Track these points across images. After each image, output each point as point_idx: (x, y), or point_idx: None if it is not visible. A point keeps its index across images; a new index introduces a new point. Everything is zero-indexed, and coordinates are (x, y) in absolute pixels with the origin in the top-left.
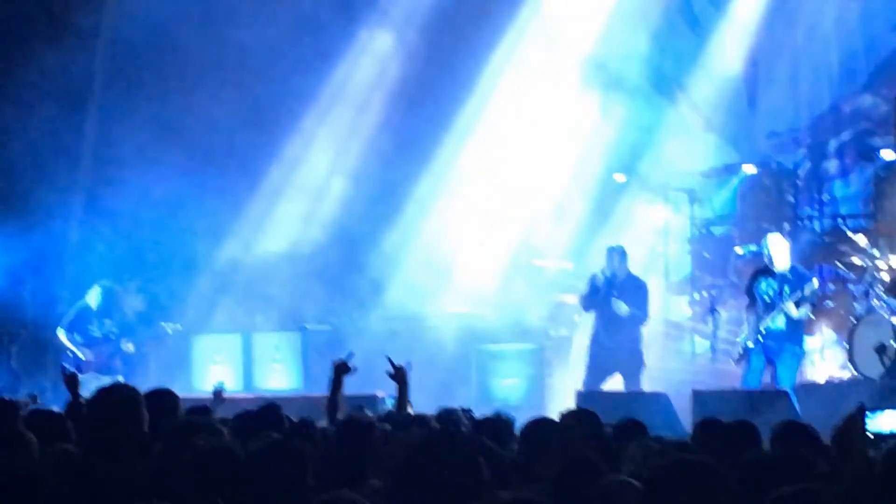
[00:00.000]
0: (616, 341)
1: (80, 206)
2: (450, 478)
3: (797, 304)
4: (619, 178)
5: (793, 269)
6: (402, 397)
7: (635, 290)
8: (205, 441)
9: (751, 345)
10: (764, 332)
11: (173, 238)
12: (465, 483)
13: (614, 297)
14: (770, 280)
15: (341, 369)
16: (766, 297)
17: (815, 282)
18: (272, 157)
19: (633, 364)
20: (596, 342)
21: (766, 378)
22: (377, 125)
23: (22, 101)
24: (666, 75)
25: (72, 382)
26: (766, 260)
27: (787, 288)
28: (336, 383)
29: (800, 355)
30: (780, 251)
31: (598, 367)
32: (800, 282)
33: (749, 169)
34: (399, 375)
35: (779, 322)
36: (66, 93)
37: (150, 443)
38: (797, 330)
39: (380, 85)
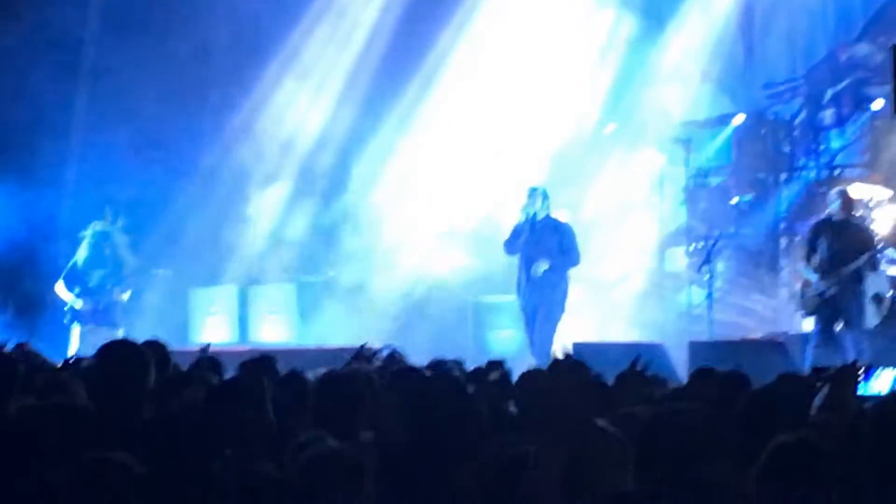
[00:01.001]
0: (537, 287)
1: (74, 162)
2: (443, 422)
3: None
4: (610, 127)
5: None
6: None
7: (556, 233)
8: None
9: None
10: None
11: (164, 191)
12: (459, 429)
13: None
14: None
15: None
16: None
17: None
18: (261, 108)
19: (547, 302)
20: (520, 292)
21: None
22: (372, 80)
23: (16, 61)
24: (661, 24)
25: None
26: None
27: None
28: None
29: None
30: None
31: (527, 318)
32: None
33: (739, 119)
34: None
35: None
36: (58, 53)
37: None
38: None
39: (362, 23)
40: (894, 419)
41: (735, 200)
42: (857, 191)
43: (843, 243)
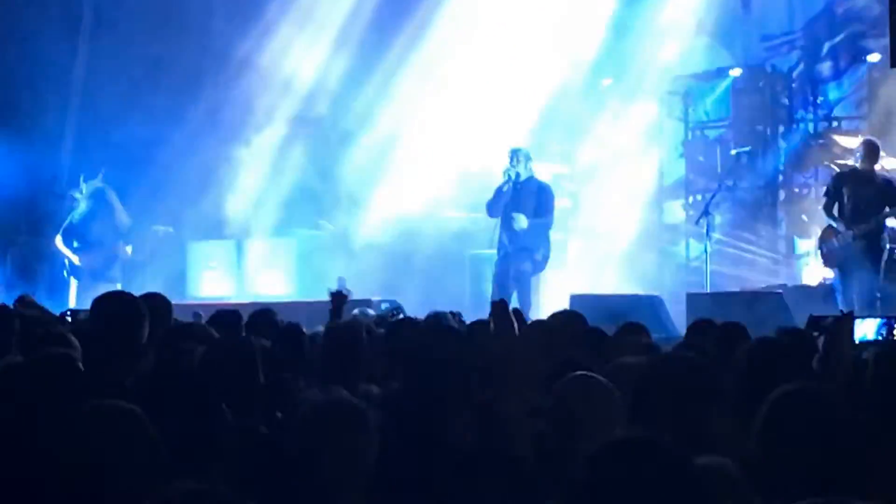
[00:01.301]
0: (518, 248)
1: (73, 125)
2: (441, 372)
3: None
4: (607, 82)
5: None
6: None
7: (538, 194)
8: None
9: None
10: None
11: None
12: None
13: (514, 211)
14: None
15: (338, 298)
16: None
17: None
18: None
19: (523, 259)
20: (501, 253)
21: None
22: (366, 32)
23: (16, 34)
24: None
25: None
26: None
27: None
28: (335, 312)
29: None
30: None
31: (504, 283)
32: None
33: (736, 72)
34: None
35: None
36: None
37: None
38: None
39: None
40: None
41: (733, 153)
42: (854, 143)
43: (868, 194)
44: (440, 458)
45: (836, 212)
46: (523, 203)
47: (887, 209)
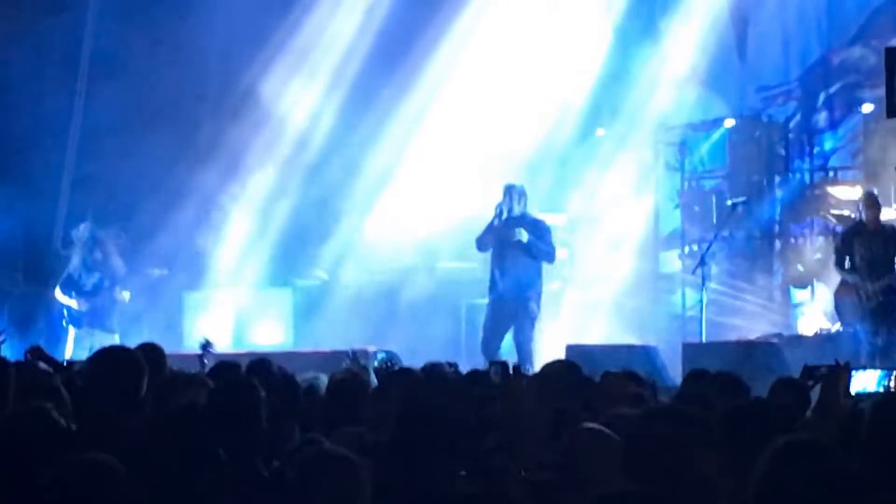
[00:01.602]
0: (512, 284)
1: (70, 170)
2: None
3: None
4: (601, 132)
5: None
6: None
7: (534, 229)
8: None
9: None
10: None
11: (160, 197)
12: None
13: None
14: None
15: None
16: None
17: None
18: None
19: (523, 311)
20: (494, 291)
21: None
22: (359, 75)
23: (12, 72)
24: (655, 26)
25: (36, 356)
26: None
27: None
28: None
29: None
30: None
31: (496, 319)
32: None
33: (729, 123)
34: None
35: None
36: (56, 60)
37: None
38: None
39: (362, 34)
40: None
41: (729, 203)
42: (850, 194)
43: (878, 247)
44: None
45: (851, 266)
46: (517, 241)
47: None
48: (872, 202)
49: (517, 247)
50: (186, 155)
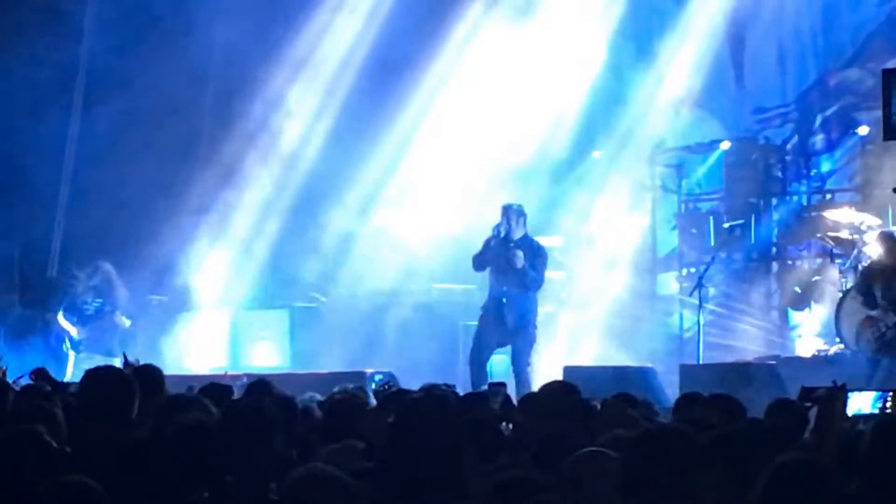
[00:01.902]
0: (507, 309)
1: (67, 190)
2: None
3: None
4: (597, 154)
5: None
6: None
7: (531, 253)
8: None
9: None
10: None
11: (158, 215)
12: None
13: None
14: None
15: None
16: None
17: None
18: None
19: (522, 337)
20: (485, 308)
21: None
22: (352, 92)
23: (9, 87)
24: (650, 48)
25: (40, 378)
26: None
27: None
28: None
29: None
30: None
31: (484, 337)
32: None
33: (725, 145)
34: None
35: None
36: (52, 78)
37: (138, 420)
38: None
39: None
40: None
41: (726, 225)
42: (847, 216)
43: None
44: None
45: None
46: (514, 260)
47: None
48: (893, 243)
49: (512, 271)
50: (182, 170)
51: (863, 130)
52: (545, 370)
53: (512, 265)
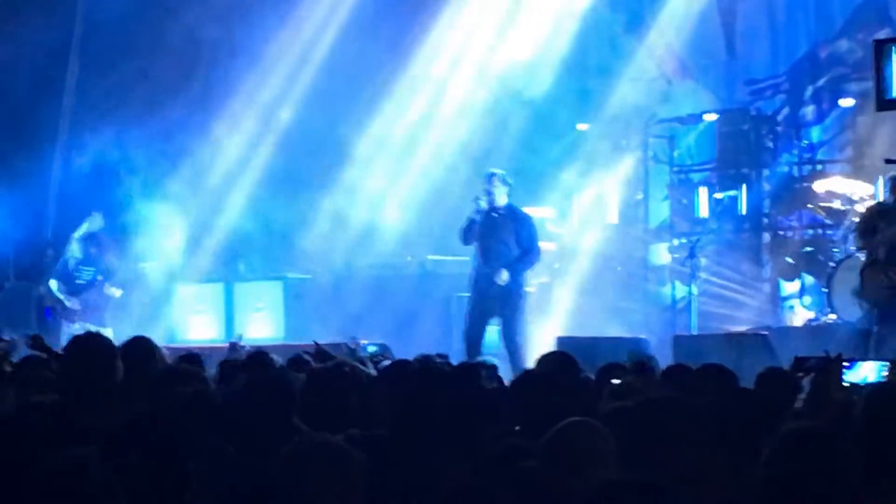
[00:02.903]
0: (493, 281)
1: (60, 163)
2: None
3: None
4: (582, 127)
5: None
6: None
7: (516, 223)
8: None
9: None
10: None
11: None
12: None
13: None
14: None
15: None
16: None
17: None
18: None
19: (510, 307)
20: (473, 285)
21: None
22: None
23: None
24: (641, 19)
25: (37, 344)
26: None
27: None
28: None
29: None
30: None
31: (476, 311)
32: None
33: (710, 117)
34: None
35: None
36: (43, 63)
37: (133, 391)
38: None
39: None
40: (888, 407)
41: (718, 196)
42: (839, 186)
43: None
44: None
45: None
46: (500, 232)
47: None
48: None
49: (500, 243)
50: (173, 149)
51: (845, 103)
52: (538, 341)
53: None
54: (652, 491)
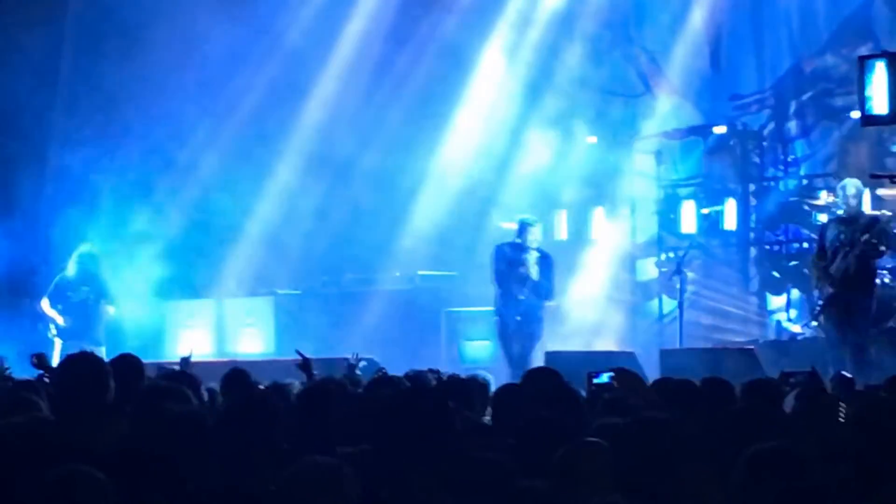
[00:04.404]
0: (516, 313)
1: (52, 177)
2: (420, 432)
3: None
4: (591, 140)
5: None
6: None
7: (541, 263)
8: (175, 407)
9: None
10: None
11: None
12: (435, 438)
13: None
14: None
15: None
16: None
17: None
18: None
19: (526, 335)
20: (503, 311)
21: None
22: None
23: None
24: (627, 36)
25: (41, 363)
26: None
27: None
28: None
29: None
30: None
31: (513, 336)
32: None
33: (719, 130)
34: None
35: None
36: (35, 67)
37: (119, 408)
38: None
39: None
40: (877, 422)
41: (705, 211)
42: (823, 199)
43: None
44: None
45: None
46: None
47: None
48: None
49: (528, 279)
50: (166, 169)
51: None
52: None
53: (526, 274)
54: None
